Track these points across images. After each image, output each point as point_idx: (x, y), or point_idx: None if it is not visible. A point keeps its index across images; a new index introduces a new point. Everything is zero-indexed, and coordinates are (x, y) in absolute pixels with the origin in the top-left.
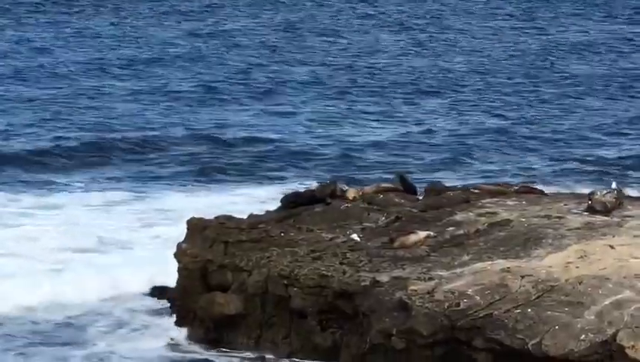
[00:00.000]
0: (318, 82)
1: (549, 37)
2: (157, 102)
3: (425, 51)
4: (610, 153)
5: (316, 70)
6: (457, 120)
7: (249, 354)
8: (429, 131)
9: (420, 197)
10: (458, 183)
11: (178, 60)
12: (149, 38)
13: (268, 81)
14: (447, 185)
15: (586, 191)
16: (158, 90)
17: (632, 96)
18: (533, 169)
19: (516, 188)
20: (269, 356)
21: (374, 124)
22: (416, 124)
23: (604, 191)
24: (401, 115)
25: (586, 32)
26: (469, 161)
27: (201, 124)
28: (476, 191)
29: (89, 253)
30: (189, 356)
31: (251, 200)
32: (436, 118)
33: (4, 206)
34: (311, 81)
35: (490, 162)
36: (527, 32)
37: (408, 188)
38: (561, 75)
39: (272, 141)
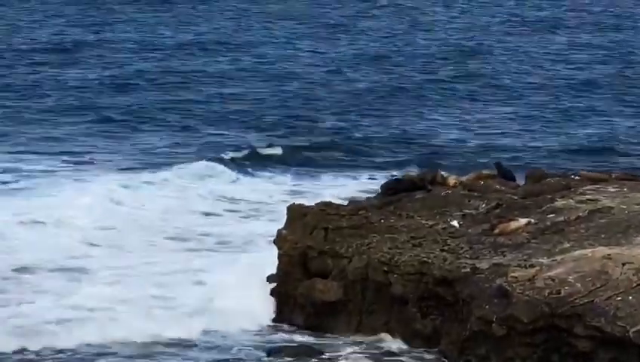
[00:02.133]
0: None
1: None
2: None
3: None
4: None
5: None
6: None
7: (349, 340)
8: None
9: (520, 184)
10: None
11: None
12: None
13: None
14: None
15: None
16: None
17: None
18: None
19: (617, 175)
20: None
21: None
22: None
23: None
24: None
25: None
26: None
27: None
28: (576, 177)
29: None
30: (289, 341)
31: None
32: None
33: None
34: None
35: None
36: None
37: (505, 175)
38: None
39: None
